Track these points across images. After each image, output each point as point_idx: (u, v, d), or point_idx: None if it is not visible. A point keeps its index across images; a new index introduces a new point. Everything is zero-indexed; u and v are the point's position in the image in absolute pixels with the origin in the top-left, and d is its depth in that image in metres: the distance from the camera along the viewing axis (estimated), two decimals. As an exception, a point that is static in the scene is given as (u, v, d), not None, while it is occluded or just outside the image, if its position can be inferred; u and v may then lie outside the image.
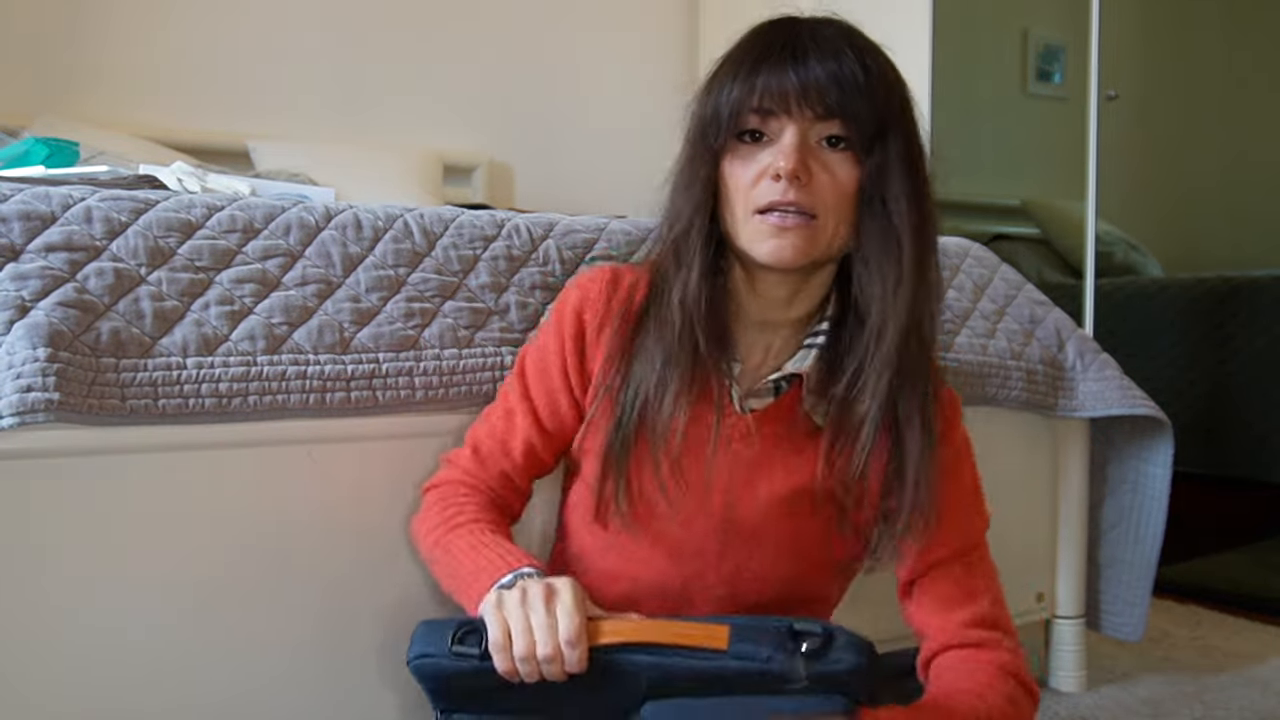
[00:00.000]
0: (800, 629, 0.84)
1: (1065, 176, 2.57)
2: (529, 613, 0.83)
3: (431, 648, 0.86)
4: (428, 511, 1.05)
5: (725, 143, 0.96)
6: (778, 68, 0.93)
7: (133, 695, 1.00)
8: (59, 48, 2.61)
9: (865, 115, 0.93)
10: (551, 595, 0.84)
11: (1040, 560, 1.68)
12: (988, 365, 1.53)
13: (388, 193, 2.33)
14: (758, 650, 0.83)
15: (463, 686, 0.86)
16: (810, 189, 0.93)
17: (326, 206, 1.20)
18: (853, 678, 0.85)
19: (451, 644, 0.85)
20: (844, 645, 0.85)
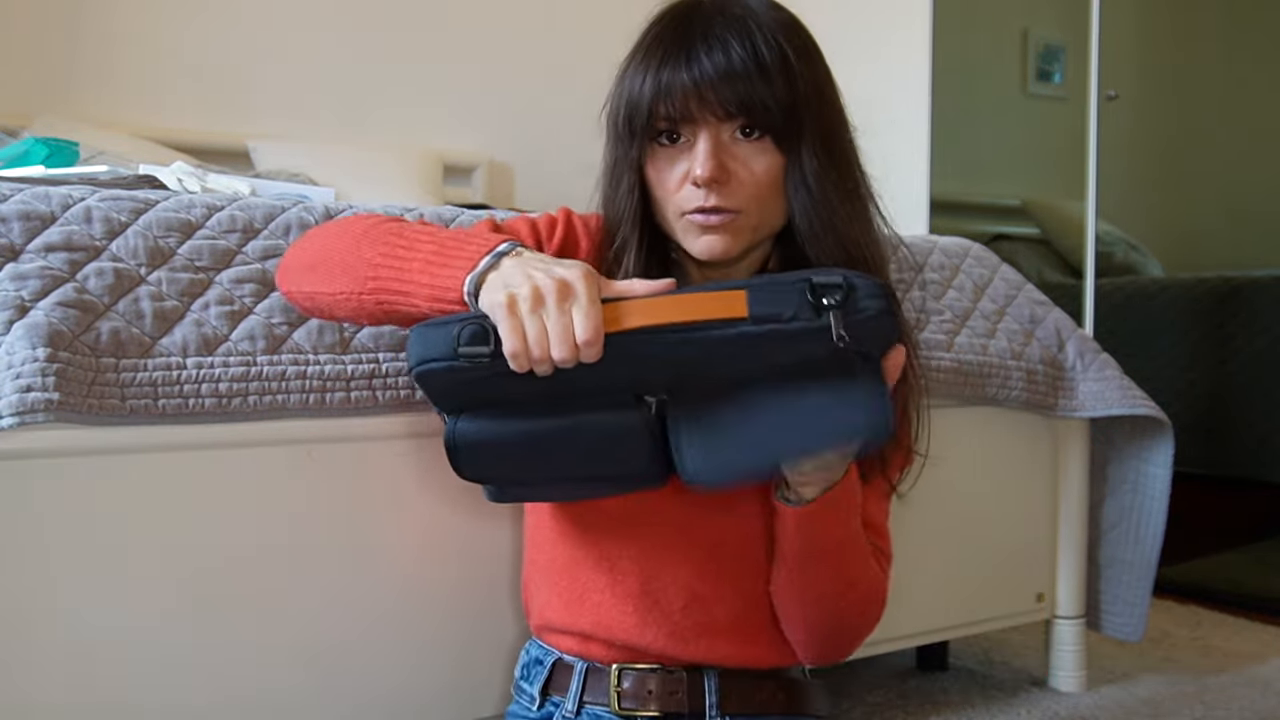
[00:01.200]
0: (820, 281, 0.78)
1: (1065, 176, 2.57)
2: (544, 317, 0.76)
3: (435, 352, 0.79)
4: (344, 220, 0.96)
5: (644, 146, 0.96)
6: (673, 70, 0.92)
7: (133, 695, 1.00)
8: (59, 48, 2.61)
9: (768, 103, 0.92)
10: (566, 293, 0.76)
11: (1040, 560, 1.68)
12: (988, 365, 1.53)
13: (388, 193, 2.33)
14: (780, 310, 0.78)
15: (470, 385, 0.81)
16: (731, 189, 0.93)
17: (326, 206, 1.20)
18: (880, 323, 0.79)
19: (458, 345, 0.78)
20: (867, 292, 0.79)
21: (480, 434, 0.83)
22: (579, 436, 0.83)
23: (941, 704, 1.64)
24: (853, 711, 1.60)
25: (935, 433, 1.55)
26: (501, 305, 0.76)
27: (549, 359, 0.76)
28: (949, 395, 1.50)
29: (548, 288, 0.76)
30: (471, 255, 0.81)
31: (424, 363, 0.80)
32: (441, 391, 0.82)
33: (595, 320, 0.76)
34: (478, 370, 0.78)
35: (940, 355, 1.49)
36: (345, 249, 0.89)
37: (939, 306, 1.56)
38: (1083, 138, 2.48)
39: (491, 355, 0.77)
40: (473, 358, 0.78)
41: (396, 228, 0.88)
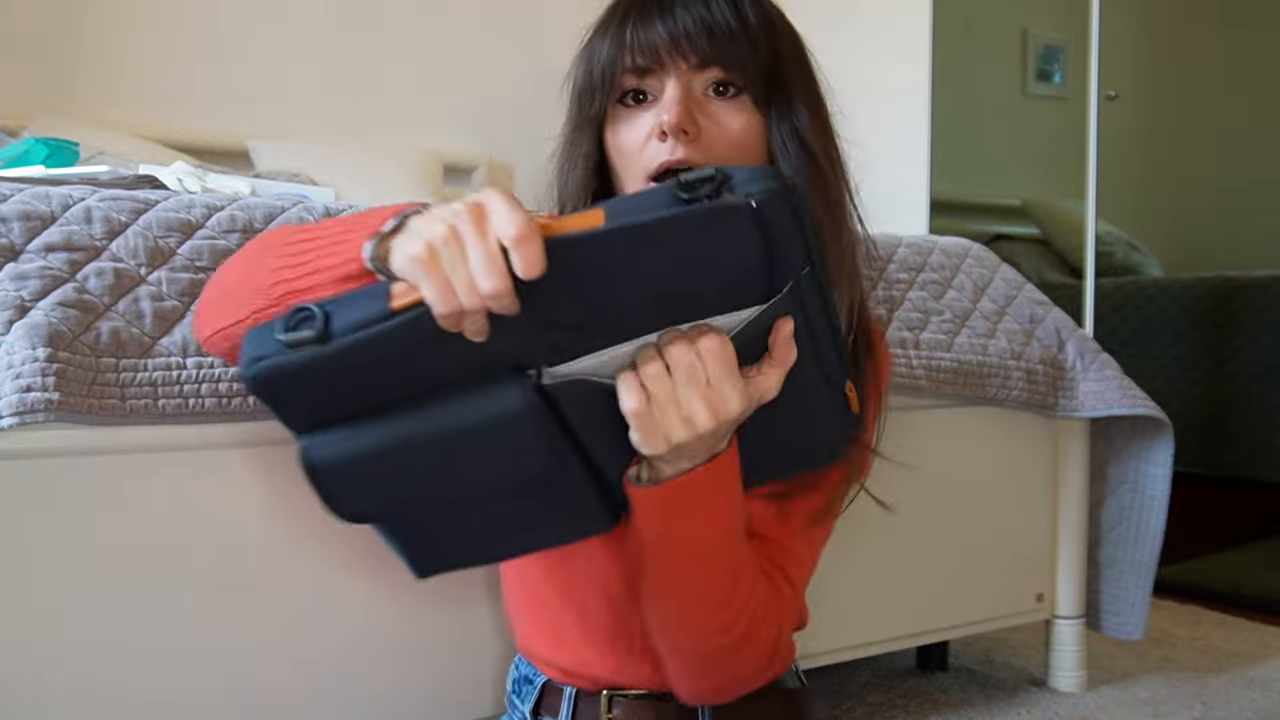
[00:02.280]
0: (688, 177, 0.64)
1: (1065, 176, 2.57)
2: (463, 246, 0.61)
3: (263, 348, 0.65)
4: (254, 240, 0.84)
5: (605, 109, 0.89)
6: (646, 21, 0.87)
7: (133, 695, 1.00)
8: (59, 48, 2.61)
9: (747, 58, 0.87)
10: (480, 212, 0.62)
11: (1040, 560, 1.68)
12: (988, 365, 1.53)
13: (388, 193, 2.33)
14: (640, 215, 0.63)
15: (313, 383, 0.66)
16: (701, 144, 0.86)
17: (326, 206, 1.20)
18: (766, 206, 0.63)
19: (282, 333, 0.64)
20: (747, 178, 0.64)
21: (340, 448, 0.68)
22: (451, 426, 0.67)
23: (941, 704, 1.64)
24: (853, 712, 1.60)
25: (935, 433, 1.56)
26: (416, 257, 0.61)
27: (481, 303, 0.61)
28: (949, 395, 1.50)
29: (460, 215, 0.62)
30: (375, 224, 0.70)
31: (253, 362, 0.65)
32: (279, 398, 0.67)
33: (520, 216, 0.60)
34: (304, 357, 0.64)
35: (940, 355, 1.49)
36: (245, 268, 0.78)
37: (939, 306, 1.56)
38: (1083, 138, 2.48)
39: (317, 338, 0.64)
40: (297, 344, 0.64)
41: (299, 227, 0.77)
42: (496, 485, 0.72)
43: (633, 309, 0.67)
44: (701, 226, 0.62)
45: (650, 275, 0.65)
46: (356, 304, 0.64)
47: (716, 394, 0.68)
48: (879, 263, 1.55)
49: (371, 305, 0.64)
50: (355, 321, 0.63)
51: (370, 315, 0.63)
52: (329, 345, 0.64)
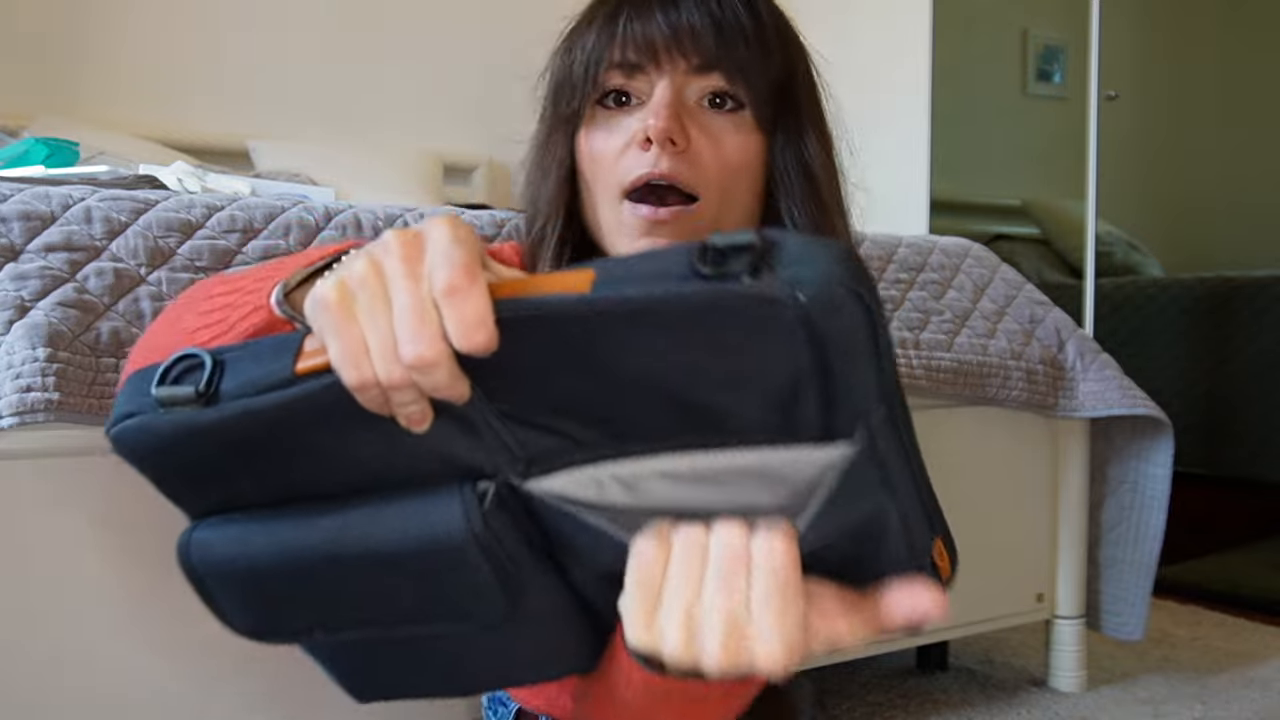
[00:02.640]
0: (717, 242, 0.42)
1: (1065, 176, 2.57)
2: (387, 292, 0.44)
3: (134, 401, 0.50)
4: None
5: (583, 109, 0.77)
6: (643, 12, 0.75)
7: (133, 694, 1.00)
8: (59, 48, 2.61)
9: (755, 67, 0.75)
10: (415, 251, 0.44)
11: (1040, 560, 1.68)
12: (988, 365, 1.53)
13: (388, 193, 2.33)
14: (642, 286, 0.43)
15: (193, 456, 0.50)
16: (689, 159, 0.73)
17: (326, 206, 1.20)
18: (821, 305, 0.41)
19: (157, 384, 0.48)
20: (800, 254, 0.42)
21: (224, 549, 0.52)
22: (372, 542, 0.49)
23: (941, 704, 1.64)
24: (853, 712, 1.60)
25: (935, 433, 1.56)
26: (323, 301, 0.45)
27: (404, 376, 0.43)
28: (949, 395, 1.50)
29: (390, 249, 0.45)
30: (300, 263, 0.56)
31: (121, 419, 0.50)
32: (160, 463, 0.51)
33: (462, 258, 0.43)
34: (187, 425, 0.48)
35: (940, 355, 1.49)
36: (164, 330, 0.63)
37: (939, 306, 1.56)
38: (1083, 138, 2.48)
39: (200, 397, 0.47)
40: (174, 402, 0.48)
41: (223, 279, 0.62)
42: (435, 620, 0.53)
43: (632, 412, 0.46)
44: (725, 318, 0.42)
45: (653, 372, 0.44)
46: (259, 357, 0.48)
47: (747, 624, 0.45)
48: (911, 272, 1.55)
49: (274, 362, 0.47)
50: (251, 381, 0.47)
51: (270, 376, 0.47)
52: (213, 409, 0.47)
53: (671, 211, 0.73)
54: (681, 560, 0.46)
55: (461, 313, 0.42)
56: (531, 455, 0.48)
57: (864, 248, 1.55)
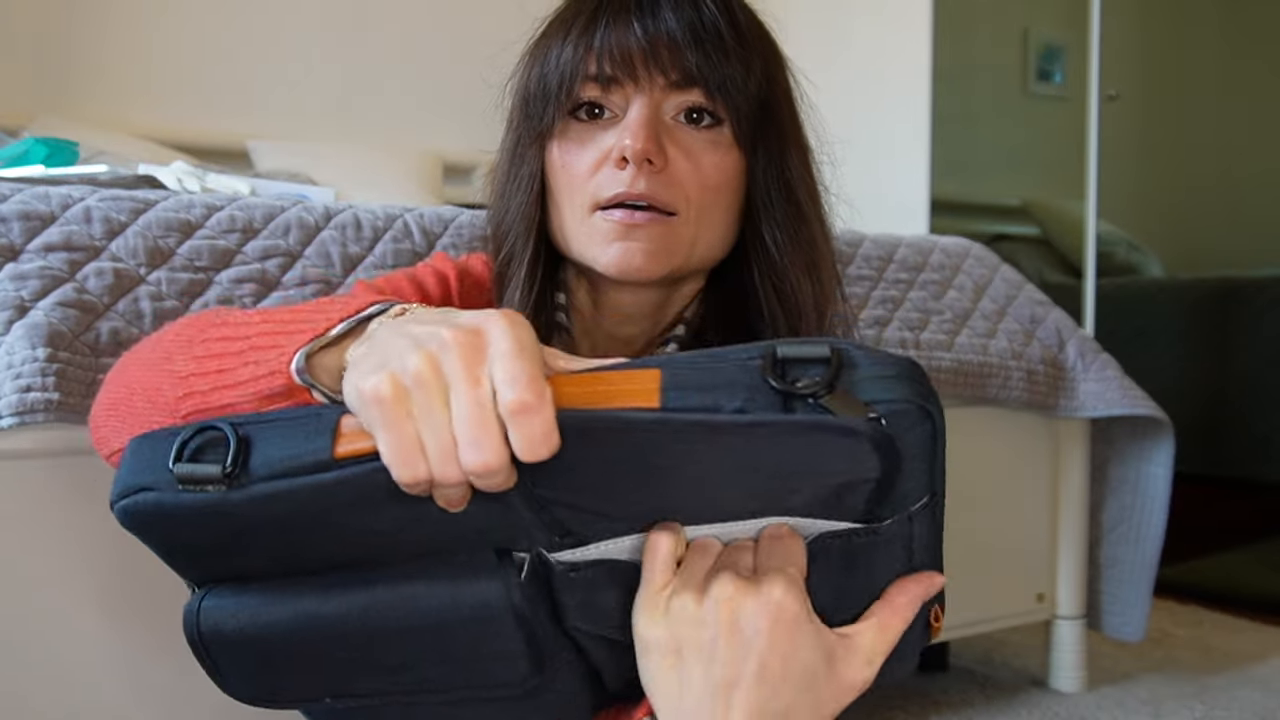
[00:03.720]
0: (787, 353, 0.45)
1: (1065, 176, 2.57)
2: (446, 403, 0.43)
3: (145, 475, 0.48)
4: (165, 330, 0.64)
5: (556, 121, 0.73)
6: (620, 20, 0.71)
7: (133, 695, 1.00)
8: (59, 48, 2.61)
9: (736, 83, 0.71)
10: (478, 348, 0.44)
11: (1040, 560, 1.68)
12: (988, 365, 1.53)
13: (388, 193, 2.33)
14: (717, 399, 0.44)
15: (211, 534, 0.48)
16: (667, 178, 0.70)
17: (326, 206, 1.20)
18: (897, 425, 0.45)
19: (175, 461, 0.46)
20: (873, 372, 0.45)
21: (236, 619, 0.50)
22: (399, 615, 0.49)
23: (941, 704, 1.64)
24: (853, 712, 1.60)
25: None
26: (377, 397, 0.43)
27: (460, 477, 0.43)
28: (949, 395, 1.50)
29: (447, 346, 0.44)
30: (320, 323, 0.51)
31: (130, 493, 0.48)
32: (171, 539, 0.50)
33: (528, 371, 0.43)
34: (211, 505, 0.46)
35: (940, 355, 1.49)
36: (150, 368, 0.59)
37: (939, 306, 1.56)
38: (1083, 138, 2.48)
39: (227, 477, 0.45)
40: (196, 481, 0.46)
41: (224, 318, 0.58)
42: (455, 692, 0.53)
43: (682, 505, 0.47)
44: (802, 441, 0.43)
45: (714, 484, 0.46)
46: (288, 435, 0.46)
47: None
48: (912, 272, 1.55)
49: (308, 443, 0.46)
50: (283, 463, 0.45)
51: (305, 458, 0.45)
52: (240, 491, 0.45)
53: (647, 217, 0.70)
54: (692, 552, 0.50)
55: (530, 431, 0.42)
56: (566, 529, 0.48)
57: (864, 247, 1.55)
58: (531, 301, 0.75)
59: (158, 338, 0.63)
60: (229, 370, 0.54)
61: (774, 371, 0.44)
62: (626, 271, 0.70)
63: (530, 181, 0.76)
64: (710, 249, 0.74)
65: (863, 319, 1.47)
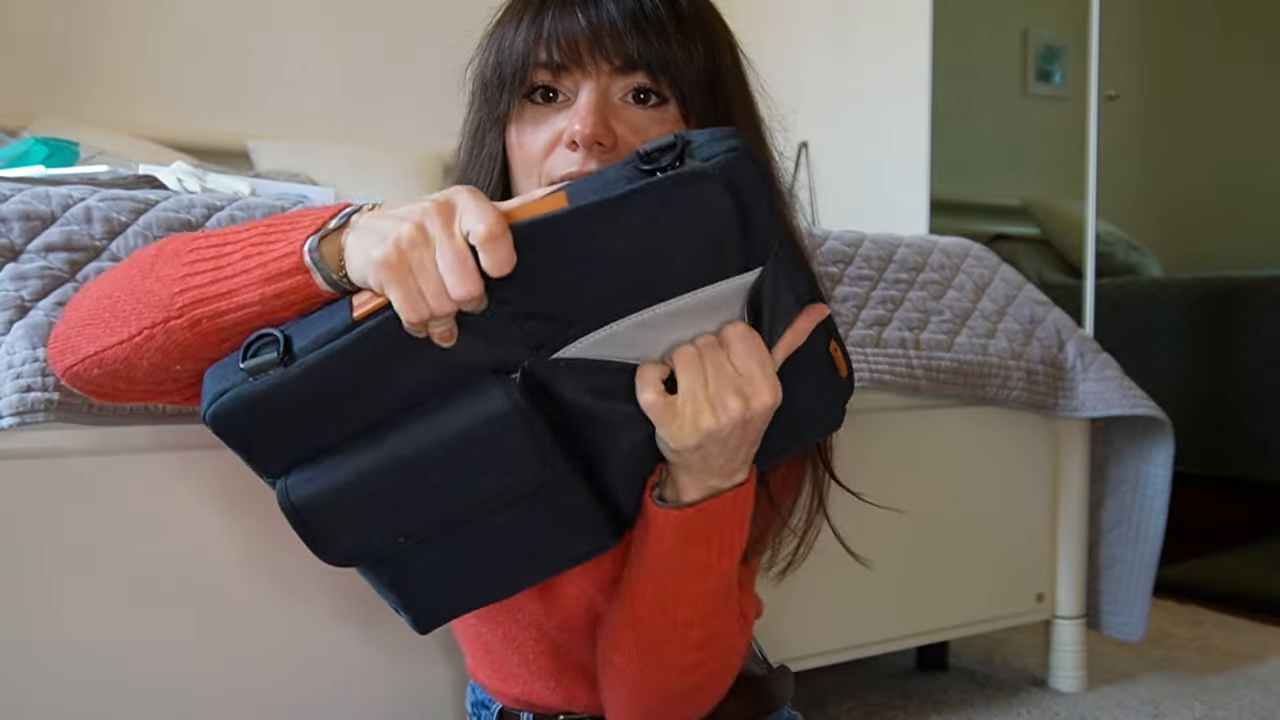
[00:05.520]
0: (648, 147, 0.62)
1: (1065, 176, 2.57)
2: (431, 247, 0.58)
3: (223, 381, 0.63)
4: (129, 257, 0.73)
5: (511, 106, 0.80)
6: (565, 9, 0.77)
7: (134, 695, 1.00)
8: (59, 48, 2.61)
9: (680, 63, 0.76)
10: (449, 210, 0.59)
11: (1040, 560, 1.68)
12: (988, 365, 1.53)
13: (388, 193, 2.33)
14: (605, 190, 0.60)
15: (281, 412, 0.62)
16: (615, 157, 0.75)
17: (326, 206, 1.20)
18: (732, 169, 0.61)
19: (243, 360, 0.62)
20: (707, 140, 0.62)
21: (315, 484, 0.64)
22: (432, 439, 0.64)
23: (941, 704, 1.64)
24: (853, 712, 1.60)
25: (935, 433, 1.56)
26: (384, 261, 0.57)
27: (451, 307, 0.58)
28: (949, 395, 1.50)
29: (428, 213, 0.58)
30: (312, 221, 0.64)
31: (215, 399, 0.62)
32: (247, 437, 0.64)
33: (490, 213, 0.58)
34: (275, 385, 0.61)
35: (940, 355, 1.49)
36: (131, 282, 0.68)
37: (939, 306, 1.56)
38: (1083, 138, 2.47)
39: (281, 360, 0.61)
40: (260, 369, 0.61)
41: (203, 234, 0.68)
42: (489, 501, 0.67)
43: (610, 290, 0.63)
44: (670, 196, 0.60)
45: (623, 253, 0.61)
46: (317, 322, 0.62)
47: (747, 381, 0.65)
48: (912, 272, 1.55)
49: (333, 319, 0.61)
50: (318, 337, 0.61)
51: (334, 328, 0.61)
52: (294, 366, 0.61)
53: None
54: (681, 365, 0.65)
55: (497, 250, 0.57)
56: (538, 341, 0.63)
57: (864, 247, 1.55)
58: None
59: (119, 272, 0.70)
60: (225, 267, 0.63)
61: (643, 162, 0.61)
62: None
63: (491, 164, 0.83)
64: None
65: (862, 319, 1.47)
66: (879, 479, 1.52)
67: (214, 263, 0.64)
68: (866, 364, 1.41)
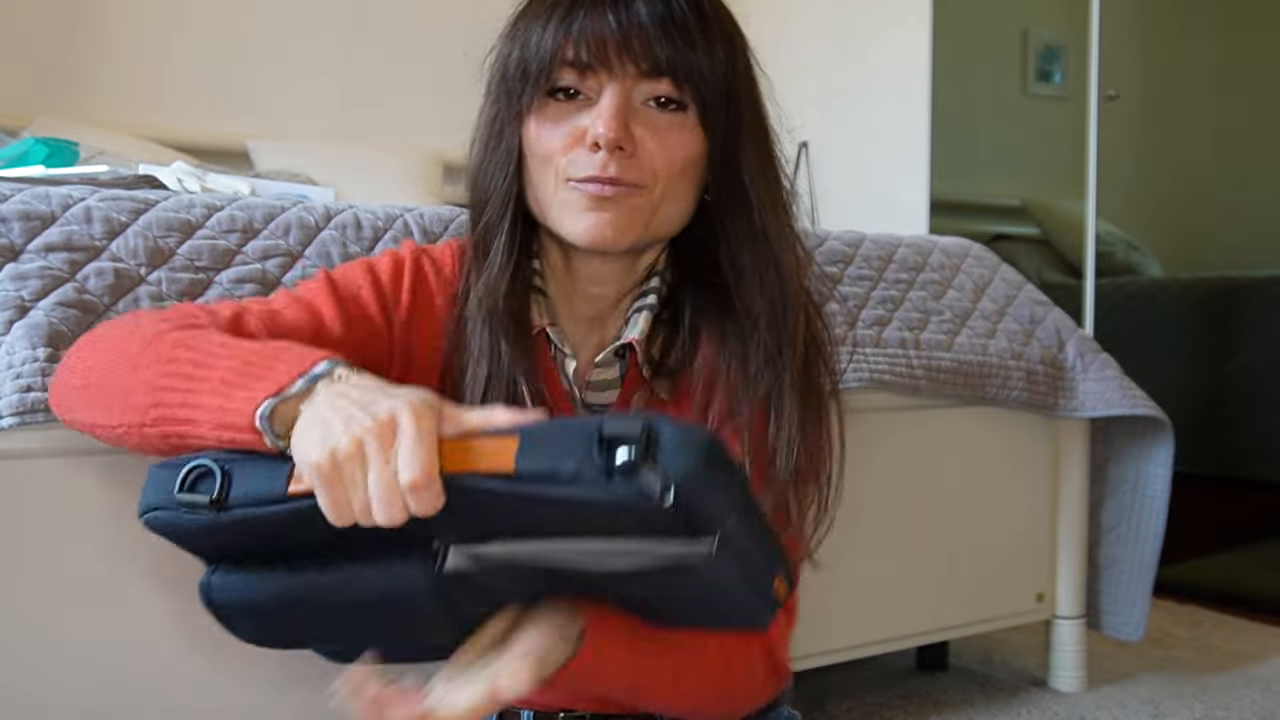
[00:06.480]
0: (612, 430, 0.58)
1: (1065, 176, 2.57)
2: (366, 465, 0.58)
3: (158, 497, 0.65)
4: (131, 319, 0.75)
5: (533, 101, 0.80)
6: (595, 9, 0.77)
7: (134, 695, 1.00)
8: (59, 48, 2.61)
9: (704, 71, 0.77)
10: (388, 435, 0.58)
11: (1040, 560, 1.68)
12: (988, 365, 1.53)
13: (388, 193, 2.33)
14: (556, 466, 0.58)
15: (213, 535, 0.65)
16: (636, 161, 0.78)
17: (326, 206, 1.20)
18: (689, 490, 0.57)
19: (178, 490, 0.63)
20: (676, 445, 0.58)
21: (235, 592, 0.67)
22: (353, 591, 0.65)
23: (941, 704, 1.64)
24: (853, 712, 1.60)
25: (935, 433, 1.56)
26: (316, 467, 0.58)
27: (374, 523, 0.59)
28: (949, 395, 1.50)
29: (369, 431, 0.58)
30: (279, 376, 0.63)
31: (150, 510, 0.65)
32: (183, 542, 0.66)
33: (422, 459, 0.57)
34: (199, 521, 0.63)
35: (940, 355, 1.49)
36: (122, 368, 0.70)
37: (939, 306, 1.56)
38: (1083, 138, 2.47)
39: (214, 504, 0.62)
40: (193, 506, 0.63)
41: (190, 338, 0.69)
42: (404, 644, 0.70)
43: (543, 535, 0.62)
44: (619, 507, 0.58)
45: (557, 530, 0.61)
46: (255, 475, 0.63)
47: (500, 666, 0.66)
48: (911, 272, 1.55)
49: (269, 483, 0.62)
50: (251, 495, 0.63)
51: (267, 493, 0.62)
52: (225, 514, 0.63)
53: (615, 190, 0.77)
54: None
55: (420, 501, 0.58)
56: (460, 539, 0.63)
57: (864, 247, 1.55)
58: (511, 267, 0.82)
59: (123, 332, 0.72)
60: (195, 393, 0.65)
61: (601, 445, 0.57)
62: (596, 242, 0.79)
63: (509, 157, 0.82)
64: (669, 221, 0.82)
65: (862, 319, 1.47)
66: (879, 479, 1.52)
67: (186, 385, 0.66)
68: (866, 364, 1.41)
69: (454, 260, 0.89)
